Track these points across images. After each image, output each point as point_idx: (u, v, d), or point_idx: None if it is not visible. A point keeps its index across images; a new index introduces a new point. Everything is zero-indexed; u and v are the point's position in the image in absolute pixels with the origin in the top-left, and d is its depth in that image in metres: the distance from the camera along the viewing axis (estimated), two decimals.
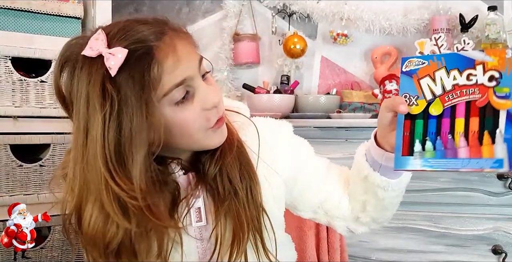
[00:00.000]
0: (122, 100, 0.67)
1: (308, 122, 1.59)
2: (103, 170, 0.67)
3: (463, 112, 0.70)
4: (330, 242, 1.28)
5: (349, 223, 0.91)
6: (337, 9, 1.98)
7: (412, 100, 0.73)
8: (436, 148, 0.70)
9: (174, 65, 0.69)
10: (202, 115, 0.73)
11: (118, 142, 0.67)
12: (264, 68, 2.14)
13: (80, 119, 0.69)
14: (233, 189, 0.78)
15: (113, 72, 0.67)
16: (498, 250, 1.42)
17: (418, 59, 0.73)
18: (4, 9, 1.49)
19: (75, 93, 0.70)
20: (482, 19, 1.77)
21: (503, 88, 0.67)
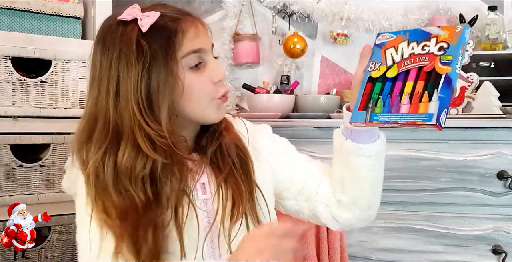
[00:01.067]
0: (152, 55, 0.79)
1: (308, 122, 1.59)
2: (137, 113, 0.78)
3: (413, 77, 0.80)
4: (330, 242, 1.28)
5: (332, 209, 0.94)
6: (337, 9, 1.98)
7: (376, 66, 0.84)
8: (384, 105, 0.80)
9: (194, 35, 0.83)
10: (209, 86, 0.85)
11: (149, 90, 0.79)
12: (264, 68, 2.14)
13: (112, 73, 0.80)
14: (231, 162, 0.88)
15: (144, 29, 0.79)
16: (498, 250, 1.42)
17: (389, 34, 0.85)
18: (4, 9, 1.49)
19: (107, 51, 0.81)
20: (482, 19, 1.77)
21: (448, 56, 0.78)
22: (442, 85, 0.77)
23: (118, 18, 0.82)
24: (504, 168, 1.42)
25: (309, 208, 0.95)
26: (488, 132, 1.43)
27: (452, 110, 1.62)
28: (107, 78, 0.80)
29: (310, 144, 1.56)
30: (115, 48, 0.80)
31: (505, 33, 1.73)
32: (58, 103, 1.56)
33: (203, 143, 0.90)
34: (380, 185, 0.93)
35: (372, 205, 0.94)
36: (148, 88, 0.79)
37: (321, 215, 0.94)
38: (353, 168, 0.89)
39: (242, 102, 2.12)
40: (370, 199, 0.93)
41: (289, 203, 0.97)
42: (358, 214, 0.93)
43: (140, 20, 0.80)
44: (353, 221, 0.95)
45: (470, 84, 1.61)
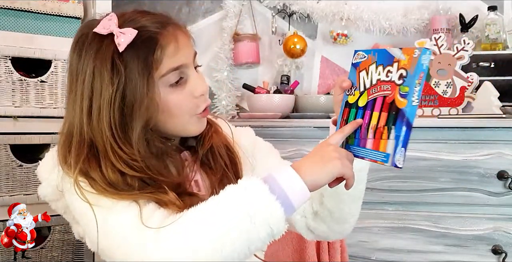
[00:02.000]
0: (127, 75, 0.76)
1: (308, 122, 1.59)
2: (109, 135, 0.76)
3: (379, 107, 0.75)
4: (330, 242, 1.28)
5: (308, 220, 0.93)
6: (337, 9, 1.98)
7: (352, 90, 0.79)
8: (355, 136, 0.77)
9: (174, 51, 0.79)
10: (191, 101, 0.83)
11: (122, 112, 0.77)
12: (264, 68, 2.14)
13: (85, 90, 0.78)
14: (223, 163, 0.88)
15: (121, 48, 0.76)
16: (498, 250, 1.42)
17: (363, 52, 0.78)
18: (4, 9, 1.49)
19: (82, 65, 0.78)
20: (482, 19, 1.77)
21: (405, 87, 0.71)
22: (397, 123, 0.71)
23: (94, 30, 0.79)
24: (504, 168, 1.42)
25: None
26: (488, 132, 1.43)
27: (452, 110, 1.62)
28: (81, 94, 0.78)
29: (310, 144, 1.56)
30: (89, 63, 0.78)
31: (505, 33, 1.73)
32: (58, 103, 1.56)
33: (191, 142, 0.90)
34: (359, 201, 0.92)
35: (350, 219, 0.93)
36: (121, 110, 0.77)
37: (296, 224, 0.94)
38: None
39: (242, 102, 2.12)
40: (348, 213, 0.92)
41: None
42: (333, 227, 0.93)
43: (116, 38, 0.76)
44: (328, 233, 0.95)
45: (470, 84, 1.61)
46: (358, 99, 0.78)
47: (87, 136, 0.78)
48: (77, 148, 0.79)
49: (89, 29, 0.80)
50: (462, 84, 1.62)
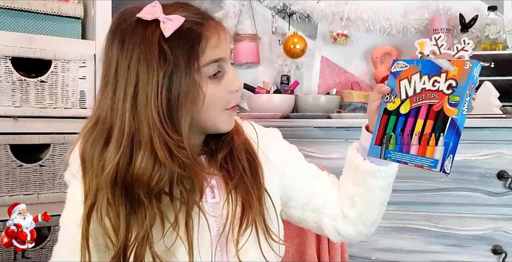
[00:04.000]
0: (174, 62, 0.75)
1: (308, 123, 1.59)
2: (156, 121, 0.74)
3: (424, 115, 0.79)
4: (331, 242, 1.28)
5: (337, 222, 0.95)
6: (337, 9, 1.98)
7: (391, 98, 0.83)
8: (397, 142, 0.81)
9: (216, 44, 0.79)
10: (225, 95, 0.82)
11: (169, 99, 0.75)
12: (264, 68, 2.14)
13: (130, 76, 0.75)
14: (241, 168, 0.86)
15: (167, 33, 0.75)
16: (498, 250, 1.42)
17: (404, 62, 0.82)
18: (4, 9, 1.49)
19: (125, 52, 0.76)
20: (482, 19, 1.77)
21: (455, 97, 0.76)
22: (447, 130, 0.76)
23: (138, 16, 0.77)
24: (504, 168, 1.42)
25: (314, 219, 0.95)
26: (488, 132, 1.43)
27: None
28: (125, 81, 0.76)
29: (310, 144, 1.56)
30: (134, 49, 0.76)
31: (505, 33, 1.72)
32: (58, 103, 1.56)
33: (212, 145, 0.88)
34: (385, 204, 0.95)
35: (376, 221, 0.96)
36: (169, 97, 0.75)
37: (326, 227, 0.95)
38: (368, 187, 0.90)
39: (242, 102, 2.12)
40: (377, 216, 0.95)
41: (295, 212, 0.96)
42: (361, 229, 0.95)
43: (162, 23, 0.76)
44: (354, 235, 0.97)
45: None
46: (400, 106, 0.82)
47: (128, 124, 0.75)
48: (118, 136, 0.76)
49: (128, 16, 0.78)
50: None
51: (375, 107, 0.85)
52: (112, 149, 0.77)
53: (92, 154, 0.79)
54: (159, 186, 0.76)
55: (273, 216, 0.88)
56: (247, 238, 0.82)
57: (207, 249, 0.81)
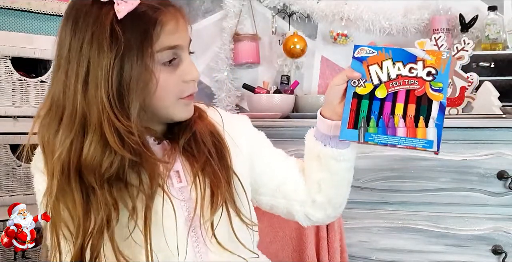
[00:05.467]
0: (126, 44, 0.73)
1: (308, 123, 1.57)
2: (106, 104, 0.72)
3: (403, 99, 0.83)
4: (330, 241, 1.28)
5: (306, 208, 0.95)
6: (337, 9, 1.98)
7: (360, 82, 0.85)
8: (378, 125, 0.83)
9: (173, 30, 0.78)
10: (179, 84, 0.80)
11: (120, 82, 0.73)
12: (264, 68, 2.14)
13: (82, 57, 0.74)
14: (207, 150, 0.85)
15: (120, 15, 0.73)
16: (498, 250, 1.42)
17: (369, 48, 0.85)
18: (4, 9, 1.49)
19: (79, 34, 0.75)
20: (482, 19, 1.77)
21: (438, 83, 0.82)
22: (438, 113, 0.81)
23: None
24: (504, 168, 1.42)
25: (285, 205, 0.96)
26: (488, 132, 1.43)
27: (452, 110, 1.62)
28: (77, 62, 0.74)
29: None
30: (87, 31, 0.74)
31: (505, 33, 1.72)
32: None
33: (175, 130, 0.87)
34: (351, 183, 0.96)
35: (343, 202, 0.96)
36: (120, 80, 0.73)
37: (296, 213, 0.96)
38: (333, 172, 0.90)
39: (242, 102, 2.12)
40: (344, 197, 0.96)
41: (265, 199, 0.96)
42: (330, 212, 0.96)
43: (116, 5, 0.74)
44: (325, 218, 0.97)
45: (470, 84, 1.61)
46: (374, 91, 0.84)
47: (79, 107, 0.74)
48: (68, 120, 0.75)
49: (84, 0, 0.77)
50: (462, 84, 1.62)
51: (341, 92, 0.86)
52: (62, 132, 0.76)
53: (47, 138, 0.78)
54: (109, 172, 0.74)
55: (243, 198, 0.87)
56: (219, 220, 0.82)
57: (174, 233, 0.80)
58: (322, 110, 0.90)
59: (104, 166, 0.74)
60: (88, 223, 0.75)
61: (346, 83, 0.85)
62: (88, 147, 0.74)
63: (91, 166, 0.74)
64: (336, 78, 0.86)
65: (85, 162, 0.74)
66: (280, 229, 1.30)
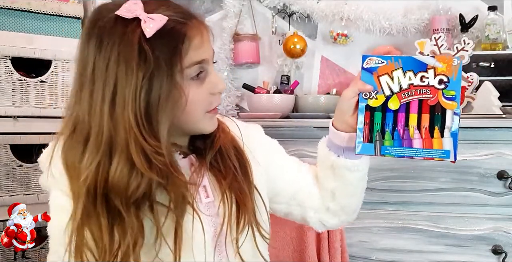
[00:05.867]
0: (155, 64, 0.72)
1: (308, 123, 1.59)
2: (133, 125, 0.71)
3: (416, 109, 0.82)
4: (331, 242, 1.28)
5: (321, 215, 0.96)
6: (337, 9, 1.98)
7: (372, 94, 0.83)
8: (394, 138, 0.82)
9: (199, 45, 0.76)
10: (207, 97, 0.80)
11: (148, 102, 0.72)
12: (264, 68, 2.14)
13: (108, 77, 0.72)
14: (232, 166, 0.84)
15: (149, 34, 0.71)
16: (498, 250, 1.42)
17: (377, 58, 0.83)
18: (4, 9, 1.49)
19: (103, 52, 0.73)
20: (482, 19, 1.77)
21: (450, 91, 0.80)
22: (453, 122, 0.80)
23: (117, 13, 0.73)
24: (504, 168, 1.42)
25: (300, 212, 0.96)
26: (488, 132, 1.43)
27: None
28: (103, 82, 0.72)
29: (310, 144, 1.56)
30: (113, 49, 0.72)
31: (505, 33, 1.72)
32: (58, 103, 1.56)
33: (199, 145, 0.86)
34: (365, 190, 0.96)
35: (357, 209, 0.97)
36: (148, 100, 0.71)
37: (310, 219, 0.97)
38: (347, 181, 0.91)
39: (242, 102, 2.12)
40: (357, 204, 0.96)
41: (280, 207, 0.97)
42: (344, 219, 0.97)
43: (144, 23, 0.72)
44: (339, 224, 0.99)
45: (470, 84, 1.61)
46: (387, 102, 0.82)
47: (106, 128, 0.72)
48: (95, 141, 0.73)
49: (106, 13, 0.75)
50: (462, 84, 1.62)
51: (353, 104, 0.84)
52: (88, 155, 0.73)
53: (72, 161, 0.76)
54: (136, 195, 0.72)
55: (263, 211, 0.88)
56: (245, 237, 0.82)
57: (202, 250, 0.79)
58: (334, 122, 0.90)
59: (131, 188, 0.72)
60: (114, 246, 0.73)
61: (357, 95, 0.84)
62: (114, 169, 0.72)
63: (117, 189, 0.72)
64: (347, 91, 0.85)
65: (111, 184, 0.72)
66: (281, 228, 1.30)
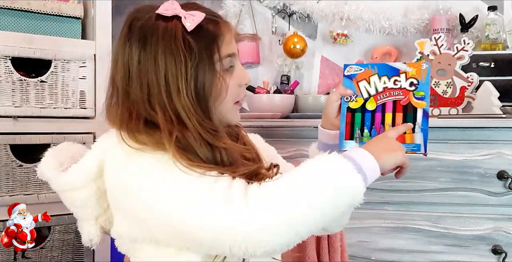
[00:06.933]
0: (199, 55, 0.80)
1: (308, 122, 1.59)
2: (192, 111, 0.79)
3: (390, 109, 0.93)
4: (331, 242, 1.28)
5: None
6: (337, 9, 1.98)
7: (352, 97, 0.95)
8: (371, 134, 0.93)
9: (229, 40, 0.85)
10: (236, 89, 0.88)
11: (197, 89, 0.80)
12: (264, 68, 2.14)
13: (160, 67, 0.79)
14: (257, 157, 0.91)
15: (190, 28, 0.80)
16: (498, 250, 1.42)
17: (357, 66, 0.95)
18: (4, 9, 1.49)
19: (149, 47, 0.80)
20: (482, 19, 1.77)
21: (420, 92, 0.91)
22: (423, 119, 0.90)
23: (158, 12, 0.81)
24: (504, 168, 1.42)
25: None
26: (488, 132, 1.43)
27: (452, 110, 1.62)
28: (154, 74, 0.79)
29: (310, 144, 1.55)
30: (159, 44, 0.79)
31: (505, 33, 1.72)
32: (58, 103, 1.56)
33: None
34: None
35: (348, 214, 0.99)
36: (196, 87, 0.80)
37: None
38: None
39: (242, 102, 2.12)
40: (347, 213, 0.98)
41: None
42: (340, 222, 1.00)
43: (184, 18, 0.80)
44: (335, 228, 1.04)
45: (470, 84, 1.61)
46: (365, 104, 0.94)
47: (171, 112, 0.79)
48: (165, 123, 0.79)
49: (143, 14, 0.83)
50: (462, 84, 1.62)
51: (337, 107, 0.96)
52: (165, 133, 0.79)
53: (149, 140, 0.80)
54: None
55: None
56: None
57: None
58: (322, 124, 1.01)
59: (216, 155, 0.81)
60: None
61: (340, 99, 0.95)
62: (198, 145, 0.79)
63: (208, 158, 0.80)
64: (331, 96, 0.97)
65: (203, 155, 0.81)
66: None
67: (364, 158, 0.78)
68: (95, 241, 0.89)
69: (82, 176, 0.86)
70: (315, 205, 0.71)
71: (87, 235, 0.90)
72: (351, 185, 0.73)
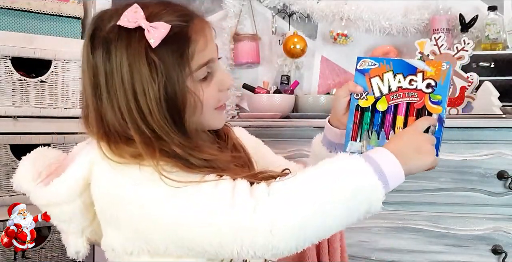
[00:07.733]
0: (165, 72, 0.73)
1: (308, 123, 1.59)
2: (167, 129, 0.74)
3: (403, 111, 0.84)
4: (330, 241, 1.28)
5: None
6: (337, 9, 1.98)
7: (363, 95, 0.86)
8: (379, 138, 0.85)
9: (203, 46, 0.77)
10: (216, 95, 0.81)
11: (169, 108, 0.74)
12: (264, 68, 2.14)
13: (127, 90, 0.73)
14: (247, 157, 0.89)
15: (154, 44, 0.72)
16: (498, 250, 1.42)
17: (371, 60, 0.86)
18: (4, 9, 1.49)
19: (113, 63, 0.74)
20: (482, 19, 1.77)
21: (437, 96, 0.81)
22: (438, 126, 0.81)
23: (119, 23, 0.74)
24: (504, 168, 1.42)
25: None
26: (488, 132, 1.43)
27: (452, 110, 1.62)
28: (124, 95, 0.74)
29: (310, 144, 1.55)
30: (123, 61, 0.73)
31: (505, 33, 1.72)
32: (58, 103, 1.56)
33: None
34: None
35: None
36: (168, 106, 0.74)
37: None
38: None
39: (242, 102, 2.12)
40: None
41: None
42: None
43: (147, 32, 0.72)
44: None
45: (470, 84, 1.61)
46: (375, 103, 0.85)
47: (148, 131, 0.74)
48: (144, 146, 0.73)
49: (107, 21, 0.76)
50: (462, 84, 1.62)
51: (345, 103, 0.88)
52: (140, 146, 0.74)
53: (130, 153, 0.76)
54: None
55: None
56: None
57: None
58: (330, 119, 0.94)
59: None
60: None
61: (349, 95, 0.87)
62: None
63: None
64: (339, 91, 0.89)
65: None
66: None
67: (390, 164, 0.73)
68: (83, 253, 0.86)
69: (67, 191, 0.81)
70: (326, 210, 0.68)
71: (73, 247, 0.86)
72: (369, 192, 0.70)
